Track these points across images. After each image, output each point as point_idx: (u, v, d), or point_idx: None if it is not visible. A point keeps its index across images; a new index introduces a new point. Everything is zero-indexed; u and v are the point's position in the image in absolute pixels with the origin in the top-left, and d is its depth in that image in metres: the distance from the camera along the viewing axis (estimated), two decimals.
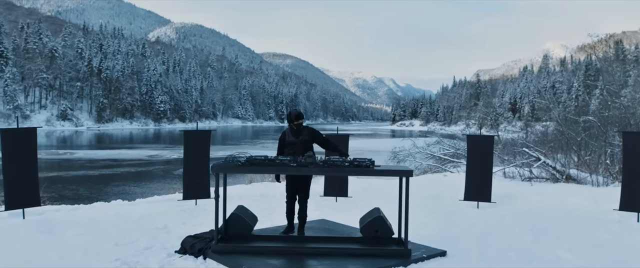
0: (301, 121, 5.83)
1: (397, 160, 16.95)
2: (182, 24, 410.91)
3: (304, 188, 5.88)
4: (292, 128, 5.81)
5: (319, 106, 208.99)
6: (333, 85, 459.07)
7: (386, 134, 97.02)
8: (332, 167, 4.76)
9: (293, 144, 5.72)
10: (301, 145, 5.69)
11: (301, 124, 5.82)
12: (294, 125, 5.78)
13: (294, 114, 5.85)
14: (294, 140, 5.75)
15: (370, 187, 11.45)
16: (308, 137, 5.79)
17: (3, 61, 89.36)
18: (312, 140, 5.80)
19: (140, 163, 33.54)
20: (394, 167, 5.12)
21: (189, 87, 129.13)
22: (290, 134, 5.82)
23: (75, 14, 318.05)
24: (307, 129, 5.87)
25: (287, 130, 5.88)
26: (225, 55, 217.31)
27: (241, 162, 4.78)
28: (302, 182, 5.80)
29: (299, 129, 5.80)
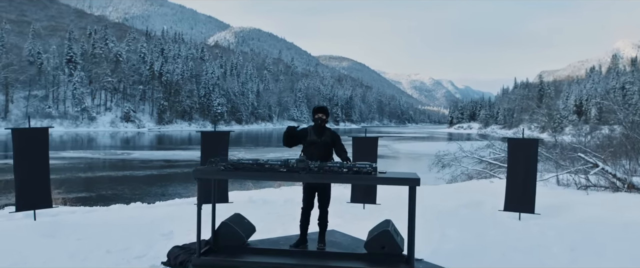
0: (322, 116, 5.33)
1: (441, 165, 16.05)
2: (240, 28, 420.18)
3: (323, 193, 5.31)
4: (316, 124, 5.33)
5: (375, 108, 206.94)
6: (389, 88, 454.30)
7: (442, 137, 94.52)
8: (328, 173, 4.18)
9: (314, 143, 5.22)
10: (323, 146, 5.21)
11: (324, 120, 5.34)
12: (314, 118, 5.34)
13: (316, 106, 5.43)
14: (315, 139, 5.24)
15: (403, 193, 10.71)
16: (330, 138, 5.29)
17: (72, 66, 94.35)
18: (333, 143, 5.30)
19: (189, 164, 34.10)
20: (402, 173, 4.41)
21: (246, 90, 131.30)
22: (313, 132, 5.31)
23: (141, 20, 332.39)
24: (330, 131, 5.40)
25: (310, 127, 5.38)
26: (281, 58, 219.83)
27: (224, 167, 4.31)
28: (321, 186, 5.25)
29: (322, 126, 5.34)
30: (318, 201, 5.31)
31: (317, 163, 4.29)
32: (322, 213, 5.35)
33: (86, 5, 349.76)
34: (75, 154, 39.96)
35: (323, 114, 5.33)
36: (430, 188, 11.73)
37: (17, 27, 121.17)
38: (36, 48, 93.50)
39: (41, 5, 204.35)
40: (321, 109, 5.39)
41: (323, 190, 5.27)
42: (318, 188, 5.24)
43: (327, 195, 5.31)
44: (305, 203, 5.32)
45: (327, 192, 5.31)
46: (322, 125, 5.33)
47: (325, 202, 5.34)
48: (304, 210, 5.34)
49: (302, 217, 5.35)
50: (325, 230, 5.37)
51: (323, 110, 5.39)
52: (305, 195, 5.31)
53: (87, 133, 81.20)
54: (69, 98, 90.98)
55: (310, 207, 5.33)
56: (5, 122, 79.51)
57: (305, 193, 5.31)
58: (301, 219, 5.36)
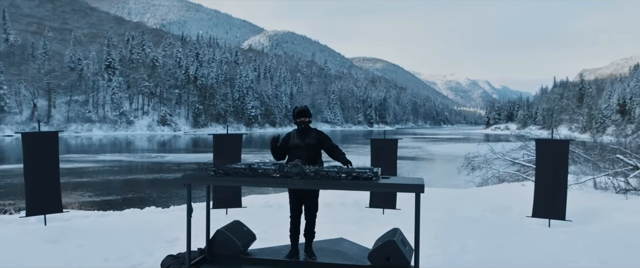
0: (305, 119, 4.95)
1: (470, 167, 15.43)
2: (274, 32, 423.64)
3: (310, 200, 4.90)
4: (299, 128, 4.94)
5: (409, 110, 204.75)
6: (424, 89, 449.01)
7: (478, 138, 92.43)
8: (324, 179, 3.86)
9: (297, 148, 4.84)
10: (307, 149, 4.81)
11: (307, 123, 4.96)
12: (297, 122, 4.93)
13: (297, 110, 5.00)
14: (298, 142, 4.86)
15: (427, 198, 10.25)
16: (315, 140, 4.88)
17: (111, 71, 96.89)
18: (319, 144, 4.89)
19: None
20: (407, 179, 4.04)
21: (279, 93, 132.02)
22: (296, 136, 4.93)
23: (178, 26, 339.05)
24: (315, 131, 4.99)
25: (294, 131, 5.01)
26: (314, 61, 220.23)
27: (214, 172, 4.05)
28: (307, 192, 4.85)
29: (306, 129, 4.94)
30: (305, 209, 4.93)
31: (314, 168, 3.98)
32: (309, 223, 4.95)
33: (125, 12, 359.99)
34: (112, 157, 40.82)
35: (305, 117, 4.97)
36: (457, 192, 11.23)
37: (59, 34, 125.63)
38: (77, 54, 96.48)
39: (82, 13, 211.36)
40: (302, 112, 5.00)
41: (309, 197, 4.88)
42: (304, 194, 4.85)
43: (314, 202, 4.93)
44: (293, 211, 4.95)
45: (314, 198, 4.92)
46: (306, 127, 4.97)
47: (313, 210, 4.95)
48: (292, 219, 4.96)
49: (291, 226, 4.96)
50: (311, 241, 4.98)
51: (304, 113, 5.00)
52: (292, 202, 4.94)
53: (125, 136, 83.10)
54: (108, 102, 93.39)
55: (298, 214, 4.97)
56: (48, 126, 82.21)
57: (291, 201, 4.94)
58: (291, 229, 4.97)
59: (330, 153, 4.89)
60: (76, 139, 72.49)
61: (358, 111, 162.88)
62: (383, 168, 8.63)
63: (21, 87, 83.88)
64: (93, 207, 10.98)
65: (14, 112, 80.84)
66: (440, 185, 14.49)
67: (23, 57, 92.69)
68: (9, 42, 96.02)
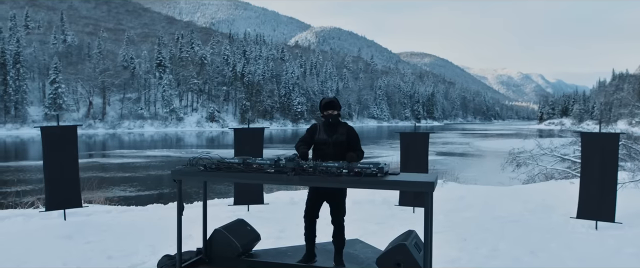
0: (334, 112, 4.38)
1: (515, 164, 14.57)
2: (321, 28, 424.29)
3: (334, 201, 4.32)
4: (326, 121, 4.41)
5: (458, 105, 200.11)
6: (474, 83, 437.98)
7: (531, 133, 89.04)
8: (322, 175, 3.46)
9: (324, 144, 4.31)
10: (334, 146, 4.28)
11: (336, 116, 4.41)
12: (324, 115, 4.40)
13: (325, 101, 4.44)
14: (325, 138, 4.33)
15: (468, 194, 9.67)
16: (345, 136, 4.36)
17: (162, 69, 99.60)
18: (348, 141, 4.36)
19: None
20: (416, 176, 3.58)
21: (325, 89, 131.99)
22: (323, 130, 4.40)
23: (226, 24, 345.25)
24: (344, 126, 4.45)
25: (320, 124, 4.47)
26: (361, 56, 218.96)
27: (204, 167, 3.74)
28: (330, 191, 4.30)
29: (334, 123, 4.40)
30: (330, 212, 4.41)
31: (312, 163, 3.59)
32: (336, 228, 4.40)
33: (176, 12, 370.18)
34: (160, 153, 41.80)
35: (333, 109, 4.38)
36: (498, 189, 10.55)
37: (113, 34, 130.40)
38: (130, 54, 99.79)
39: (136, 14, 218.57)
40: (330, 103, 4.40)
41: (333, 197, 4.31)
42: (326, 194, 4.31)
43: (339, 203, 4.35)
44: (309, 211, 4.41)
45: (338, 198, 4.34)
46: (334, 121, 4.41)
47: (339, 212, 4.36)
48: (307, 220, 4.42)
49: (306, 227, 4.45)
50: (342, 248, 4.43)
51: (333, 104, 4.40)
52: (310, 201, 4.42)
53: (175, 133, 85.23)
54: (158, 100, 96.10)
55: (315, 216, 4.44)
56: (103, 123, 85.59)
57: (309, 199, 4.43)
58: (305, 230, 4.46)
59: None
60: (129, 136, 74.94)
61: (405, 107, 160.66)
62: (413, 164, 8.19)
63: (78, 86, 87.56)
64: (129, 202, 11.00)
65: (71, 110, 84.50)
66: (482, 182, 13.77)
67: (80, 56, 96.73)
68: (67, 43, 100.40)
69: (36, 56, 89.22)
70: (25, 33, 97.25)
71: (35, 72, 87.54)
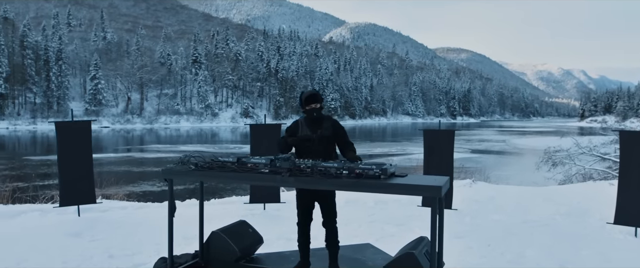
0: (316, 105, 4.01)
1: (551, 163, 13.88)
2: (356, 24, 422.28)
3: (326, 203, 4.01)
4: (309, 116, 4.05)
5: (495, 102, 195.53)
6: (512, 79, 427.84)
7: (571, 131, 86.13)
8: (320, 176, 3.16)
9: (308, 140, 3.96)
10: (319, 142, 3.93)
11: (319, 110, 4.03)
12: (307, 110, 4.04)
13: (305, 94, 4.08)
14: (309, 134, 3.99)
15: (498, 195, 9.18)
16: (330, 131, 3.99)
17: (197, 66, 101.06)
18: (335, 136, 4.01)
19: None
20: (424, 178, 3.24)
21: (359, 85, 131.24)
22: (305, 125, 4.07)
23: (262, 21, 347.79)
24: (329, 120, 4.07)
25: (302, 119, 4.14)
26: (396, 52, 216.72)
27: (195, 165, 3.50)
28: (320, 193, 3.98)
29: (317, 118, 4.03)
30: (322, 214, 4.07)
31: (310, 163, 3.31)
32: (329, 231, 4.07)
33: (213, 9, 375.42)
34: (194, 148, 42.29)
35: (316, 103, 4.02)
36: (531, 190, 10.01)
37: (151, 31, 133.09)
38: (167, 50, 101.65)
39: (173, 11, 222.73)
40: (313, 97, 4.04)
41: (324, 198, 4.00)
42: (317, 194, 3.99)
43: (330, 204, 4.04)
44: (301, 216, 4.10)
45: (330, 200, 4.03)
46: (317, 116, 4.06)
47: (331, 214, 4.04)
48: (300, 226, 4.12)
49: (299, 234, 4.14)
50: (336, 253, 4.11)
51: (315, 97, 4.04)
52: (299, 204, 4.10)
53: (210, 128, 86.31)
54: (194, 96, 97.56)
55: (308, 220, 4.12)
56: (141, 118, 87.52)
57: (299, 203, 4.11)
58: (299, 237, 4.15)
59: (342, 148, 4.03)
60: (165, 131, 76.35)
61: (440, 103, 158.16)
62: (437, 163, 7.79)
63: (117, 82, 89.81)
64: (150, 198, 10.97)
65: (110, 105, 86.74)
66: (515, 182, 13.17)
67: (119, 53, 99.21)
68: (107, 40, 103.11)
69: (77, 53, 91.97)
70: (67, 30, 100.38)
71: (77, 68, 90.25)
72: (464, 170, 14.21)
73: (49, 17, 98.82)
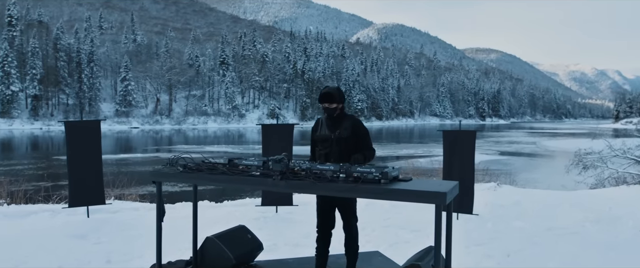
0: (330, 105, 3.71)
1: (581, 166, 13.27)
2: (383, 25, 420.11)
3: (344, 206, 3.75)
4: (329, 115, 3.77)
5: (526, 103, 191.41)
6: (543, 80, 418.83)
7: (605, 133, 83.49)
8: (313, 180, 2.89)
9: (326, 141, 3.72)
10: (338, 143, 3.66)
11: (334, 109, 3.72)
12: (324, 108, 3.77)
13: (322, 92, 3.78)
14: (327, 134, 3.73)
15: (523, 200, 8.76)
16: (350, 131, 3.69)
17: (225, 67, 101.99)
18: (355, 137, 3.70)
19: None
20: (429, 184, 2.93)
21: (386, 86, 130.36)
22: (324, 125, 3.80)
23: (289, 23, 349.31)
24: (350, 120, 3.76)
25: (323, 118, 3.87)
26: (423, 53, 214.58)
27: (183, 168, 3.29)
28: (339, 199, 3.72)
29: (336, 117, 3.75)
30: (341, 216, 3.81)
31: (305, 165, 3.05)
32: (349, 237, 3.81)
33: (241, 11, 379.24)
34: (219, 149, 42.54)
35: (330, 102, 3.70)
36: (558, 195, 9.53)
37: (180, 34, 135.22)
38: (195, 52, 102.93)
39: (202, 13, 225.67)
40: (326, 96, 3.73)
41: (343, 201, 3.73)
42: (336, 198, 3.70)
43: (349, 208, 3.77)
44: (321, 223, 3.81)
45: (350, 203, 3.77)
46: (337, 114, 3.75)
47: (351, 216, 3.78)
48: (320, 233, 3.84)
49: (318, 242, 3.86)
50: (355, 260, 3.84)
51: (329, 97, 3.72)
52: (320, 210, 3.81)
53: (237, 129, 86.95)
54: (221, 97, 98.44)
55: (328, 227, 3.81)
56: (169, 119, 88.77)
57: (318, 208, 3.81)
58: (317, 245, 3.87)
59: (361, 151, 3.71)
60: (193, 131, 77.19)
61: (469, 104, 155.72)
62: (458, 165, 7.44)
63: (146, 83, 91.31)
64: (167, 199, 10.90)
65: (140, 106, 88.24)
66: (543, 185, 12.64)
67: (149, 55, 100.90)
68: (137, 42, 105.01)
69: (109, 55, 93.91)
70: (99, 33, 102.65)
71: (108, 70, 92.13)
72: (489, 173, 13.73)
73: (82, 21, 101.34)
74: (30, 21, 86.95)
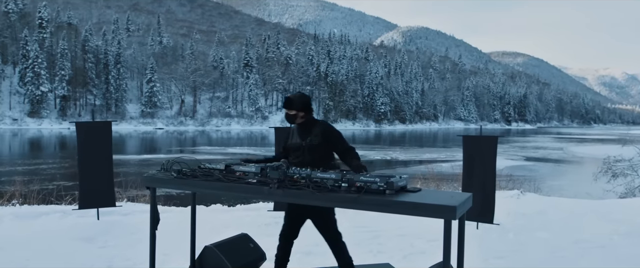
0: (289, 112, 3.59)
1: (611, 174, 12.74)
2: (408, 28, 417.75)
3: (316, 219, 3.56)
4: (292, 123, 3.66)
5: (553, 107, 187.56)
6: (572, 84, 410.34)
7: (636, 139, 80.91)
8: (313, 189, 2.67)
9: (297, 149, 3.56)
10: (310, 150, 3.49)
11: (293, 116, 3.58)
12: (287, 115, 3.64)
13: (285, 99, 3.64)
14: (298, 142, 3.58)
15: (548, 209, 8.37)
16: (320, 138, 3.50)
17: (249, 69, 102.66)
18: (327, 145, 3.52)
19: None
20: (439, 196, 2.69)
21: (410, 89, 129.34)
22: (296, 133, 3.65)
23: (313, 25, 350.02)
24: (320, 126, 3.57)
25: (295, 126, 3.71)
26: (448, 56, 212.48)
27: (177, 173, 3.12)
28: (311, 208, 3.48)
29: (306, 124, 3.58)
30: (318, 230, 3.62)
31: (305, 172, 2.84)
32: (334, 252, 3.63)
33: (265, 14, 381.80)
34: (241, 150, 42.66)
35: (288, 108, 3.57)
36: (586, 204, 9.10)
37: (205, 36, 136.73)
38: (219, 54, 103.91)
39: (227, 16, 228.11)
40: (286, 101, 3.59)
41: (313, 211, 3.52)
42: (307, 210, 3.53)
43: (324, 219, 3.55)
44: (283, 231, 3.71)
45: (322, 214, 3.54)
46: (303, 122, 3.60)
47: (327, 229, 3.57)
48: (281, 240, 3.71)
49: (278, 249, 3.73)
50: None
51: (287, 102, 3.57)
52: (286, 217, 3.71)
53: (260, 131, 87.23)
54: (245, 99, 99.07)
55: (290, 236, 3.70)
56: (193, 120, 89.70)
57: (286, 214, 3.71)
58: (277, 252, 3.73)
59: (341, 156, 3.53)
60: (216, 133, 77.77)
61: (494, 108, 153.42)
62: (479, 173, 7.14)
63: (171, 85, 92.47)
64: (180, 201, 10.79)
65: (165, 108, 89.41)
66: (569, 194, 12.17)
67: (174, 57, 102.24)
68: (162, 44, 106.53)
69: (135, 57, 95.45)
70: (126, 35, 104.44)
71: (134, 71, 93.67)
72: (513, 179, 13.31)
73: (110, 23, 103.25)
74: (60, 23, 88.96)
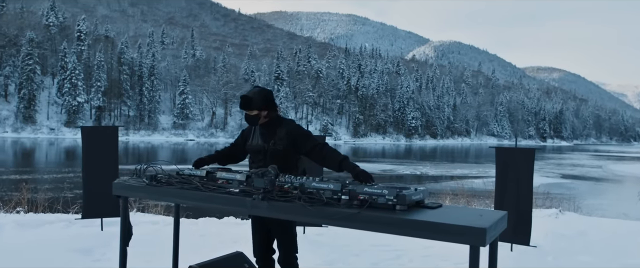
0: (251, 112, 3.10)
1: None
2: (440, 42, 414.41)
3: (277, 232, 3.20)
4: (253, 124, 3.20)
5: (591, 124, 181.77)
6: (610, 101, 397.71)
7: None
8: (307, 201, 2.16)
9: (259, 152, 3.11)
10: (272, 157, 3.03)
11: (255, 117, 3.11)
12: (247, 117, 3.17)
13: (242, 99, 3.10)
14: (260, 144, 3.11)
15: (590, 230, 7.63)
16: (285, 141, 3.04)
17: (280, 82, 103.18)
18: (293, 147, 3.05)
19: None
20: (464, 213, 2.13)
21: (442, 104, 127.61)
22: (257, 133, 3.18)
23: (345, 40, 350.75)
24: (285, 126, 3.11)
25: (258, 127, 3.20)
26: (481, 71, 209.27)
27: (149, 181, 2.66)
28: (274, 220, 3.07)
29: (269, 124, 3.10)
30: (277, 246, 3.26)
31: (298, 182, 2.34)
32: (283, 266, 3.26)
33: (297, 28, 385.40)
34: None
35: (248, 109, 3.07)
36: (631, 225, 8.31)
37: (237, 49, 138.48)
38: (251, 67, 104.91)
39: (260, 30, 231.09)
40: (243, 101, 3.07)
41: (279, 226, 3.16)
42: (270, 222, 3.16)
43: (287, 234, 3.20)
44: (256, 247, 3.35)
45: (287, 228, 3.19)
46: (267, 121, 3.10)
47: (288, 247, 3.22)
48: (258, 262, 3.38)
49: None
50: None
51: (245, 101, 3.07)
52: (253, 233, 3.36)
53: None
54: None
55: (266, 252, 3.33)
56: (224, 132, 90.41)
57: (252, 230, 3.37)
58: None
59: (316, 159, 2.98)
60: None
61: (529, 124, 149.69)
62: (512, 188, 6.49)
63: (203, 97, 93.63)
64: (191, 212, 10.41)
65: (196, 119, 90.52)
66: (611, 214, 11.28)
67: (206, 69, 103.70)
68: (195, 57, 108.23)
69: (169, 69, 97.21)
70: (160, 48, 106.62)
71: (167, 83, 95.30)
72: (551, 198, 12.47)
73: (145, 36, 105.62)
74: (97, 36, 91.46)
